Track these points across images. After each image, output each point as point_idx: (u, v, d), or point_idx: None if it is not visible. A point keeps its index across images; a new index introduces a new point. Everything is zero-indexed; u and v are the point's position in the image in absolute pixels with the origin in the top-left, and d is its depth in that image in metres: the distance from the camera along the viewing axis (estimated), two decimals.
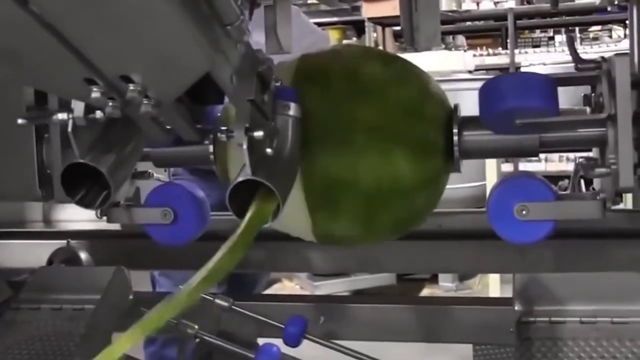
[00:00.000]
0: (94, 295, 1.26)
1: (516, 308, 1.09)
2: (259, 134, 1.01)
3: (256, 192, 1.03)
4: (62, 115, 1.13)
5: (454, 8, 7.02)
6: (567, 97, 1.30)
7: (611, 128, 1.16)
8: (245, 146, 1.00)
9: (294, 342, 1.51)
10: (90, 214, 1.94)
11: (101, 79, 0.90)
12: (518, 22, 7.28)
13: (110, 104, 0.93)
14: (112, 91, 0.92)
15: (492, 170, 3.61)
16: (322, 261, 1.75)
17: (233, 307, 1.56)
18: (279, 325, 1.53)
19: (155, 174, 1.62)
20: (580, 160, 1.19)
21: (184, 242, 1.44)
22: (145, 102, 0.92)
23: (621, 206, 1.25)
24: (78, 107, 1.11)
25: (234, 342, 1.49)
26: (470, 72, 5.55)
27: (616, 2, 1.33)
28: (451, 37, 8.00)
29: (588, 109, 1.26)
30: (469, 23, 7.90)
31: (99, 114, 1.09)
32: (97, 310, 1.21)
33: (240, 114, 1.02)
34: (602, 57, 1.21)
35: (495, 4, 7.34)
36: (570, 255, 1.61)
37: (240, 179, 1.01)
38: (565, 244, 1.61)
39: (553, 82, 1.19)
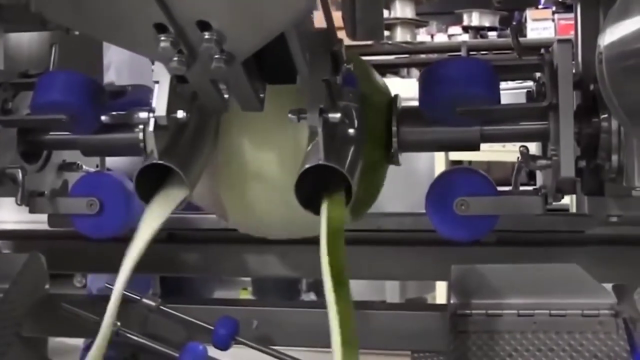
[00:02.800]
0: (5, 283, 1.17)
1: (452, 301, 1.04)
2: (335, 115, 0.93)
3: (324, 183, 0.95)
4: (143, 114, 1.03)
5: (408, 39, 7.05)
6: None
7: (553, 118, 1.13)
8: (320, 129, 0.92)
9: (223, 345, 1.44)
10: (21, 216, 1.86)
11: (173, 25, 0.81)
12: (471, 54, 7.34)
13: (176, 58, 0.85)
14: (183, 42, 0.83)
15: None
16: (258, 265, 1.69)
17: (161, 307, 1.48)
18: (209, 327, 1.45)
19: (84, 166, 1.55)
20: (522, 148, 1.15)
21: (110, 234, 1.37)
22: (217, 56, 0.83)
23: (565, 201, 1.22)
24: (161, 105, 1.01)
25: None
26: None
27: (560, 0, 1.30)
28: (405, 70, 8.03)
29: None
30: (423, 56, 7.94)
31: (180, 113, 1.01)
32: (6, 296, 1.13)
33: (314, 95, 0.93)
34: (546, 49, 1.19)
35: (450, 37, 7.40)
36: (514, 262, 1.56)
37: (309, 164, 0.93)
38: (508, 252, 1.57)
39: (495, 70, 1.15)
